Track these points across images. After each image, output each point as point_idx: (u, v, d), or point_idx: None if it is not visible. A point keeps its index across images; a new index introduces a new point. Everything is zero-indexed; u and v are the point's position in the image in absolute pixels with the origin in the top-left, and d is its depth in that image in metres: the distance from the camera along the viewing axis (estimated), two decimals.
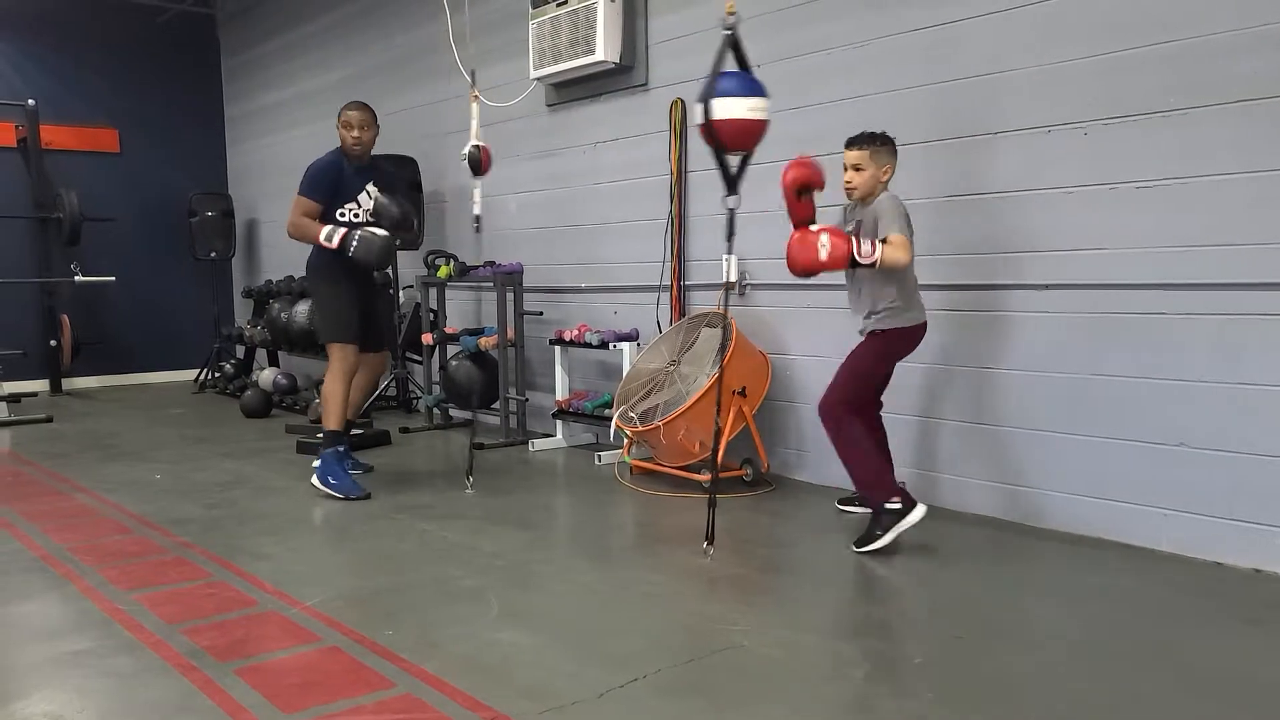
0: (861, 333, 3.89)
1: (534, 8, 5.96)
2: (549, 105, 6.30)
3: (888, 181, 3.79)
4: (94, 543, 4.09)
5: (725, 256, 3.65)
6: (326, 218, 4.82)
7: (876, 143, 3.76)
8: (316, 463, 4.93)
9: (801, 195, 3.53)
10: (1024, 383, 4.07)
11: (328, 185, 4.82)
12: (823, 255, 3.50)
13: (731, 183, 3.60)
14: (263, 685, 2.63)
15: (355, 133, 4.84)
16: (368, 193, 4.91)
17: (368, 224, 4.87)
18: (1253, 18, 3.37)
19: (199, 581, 3.56)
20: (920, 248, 4.30)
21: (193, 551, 3.93)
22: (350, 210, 4.89)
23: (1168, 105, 3.59)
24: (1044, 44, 3.92)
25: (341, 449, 4.88)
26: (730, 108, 3.46)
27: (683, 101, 5.42)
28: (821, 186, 3.54)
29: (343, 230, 4.74)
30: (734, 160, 3.60)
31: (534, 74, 6.03)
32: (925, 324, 3.87)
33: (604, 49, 5.58)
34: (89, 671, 2.77)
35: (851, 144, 3.79)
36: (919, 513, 3.69)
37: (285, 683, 2.66)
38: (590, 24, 5.60)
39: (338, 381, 4.84)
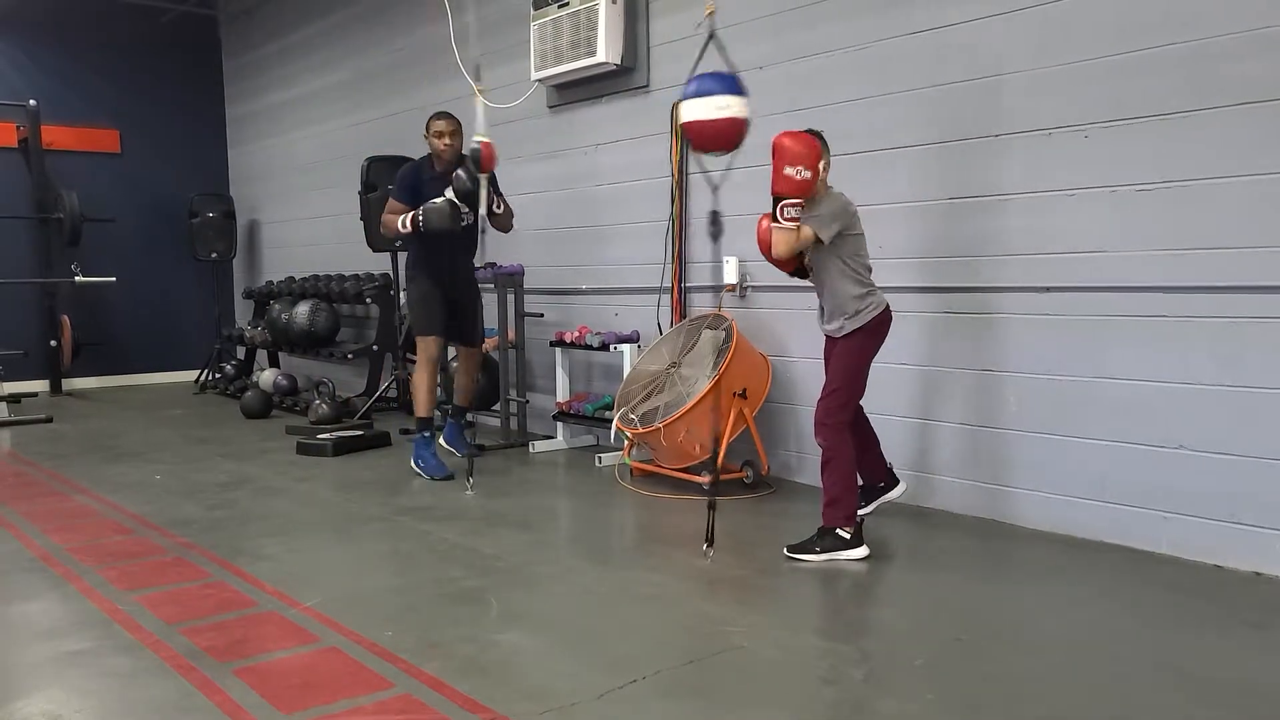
0: (833, 336, 3.76)
1: (535, 9, 5.96)
2: (550, 107, 6.31)
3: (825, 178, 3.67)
4: (94, 543, 4.09)
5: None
6: None
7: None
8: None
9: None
10: (1025, 385, 4.07)
11: (409, 188, 5.22)
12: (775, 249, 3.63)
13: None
14: (262, 685, 2.63)
15: (447, 139, 5.21)
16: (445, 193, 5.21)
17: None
18: (1253, 21, 3.37)
19: (199, 582, 3.56)
20: (922, 250, 4.34)
21: (193, 552, 3.93)
22: None
23: (1169, 108, 3.59)
24: (1045, 47, 3.92)
25: (427, 434, 5.30)
26: (696, 110, 3.49)
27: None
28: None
29: (412, 213, 5.11)
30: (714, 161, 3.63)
31: (535, 75, 6.03)
32: (889, 308, 3.76)
33: (605, 51, 5.58)
34: (89, 671, 2.77)
35: None
36: (861, 552, 3.63)
37: (285, 683, 2.65)
38: (591, 26, 5.60)
39: (421, 371, 5.31)
